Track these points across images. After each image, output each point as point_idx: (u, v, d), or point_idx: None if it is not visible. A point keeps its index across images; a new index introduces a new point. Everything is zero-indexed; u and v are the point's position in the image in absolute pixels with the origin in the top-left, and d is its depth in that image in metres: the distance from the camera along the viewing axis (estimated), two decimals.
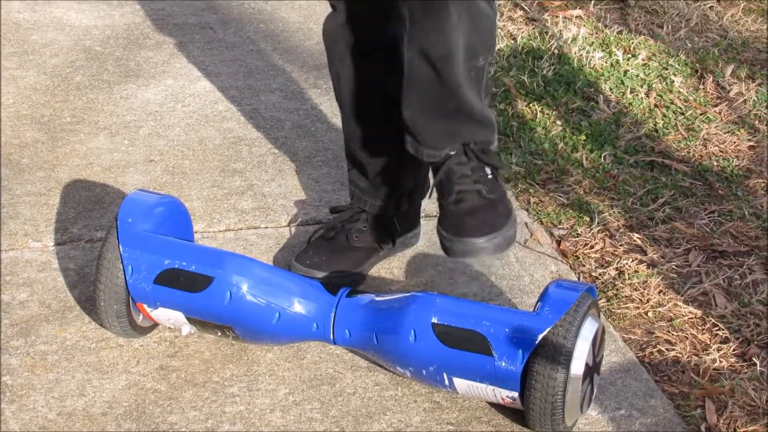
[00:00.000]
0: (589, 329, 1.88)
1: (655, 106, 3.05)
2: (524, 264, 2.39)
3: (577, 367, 1.85)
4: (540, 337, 1.83)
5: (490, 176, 2.10)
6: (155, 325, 2.12)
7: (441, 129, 2.09)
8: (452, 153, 2.09)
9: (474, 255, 2.08)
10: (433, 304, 1.92)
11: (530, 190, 2.65)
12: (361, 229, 2.34)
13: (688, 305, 2.31)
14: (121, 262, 2.00)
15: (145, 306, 2.03)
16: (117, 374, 2.03)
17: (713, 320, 2.26)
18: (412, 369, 1.92)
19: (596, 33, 3.44)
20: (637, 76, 3.18)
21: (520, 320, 1.87)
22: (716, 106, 3.07)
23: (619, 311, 2.29)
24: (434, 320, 1.89)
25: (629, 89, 3.11)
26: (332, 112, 2.92)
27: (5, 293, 2.22)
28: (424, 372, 1.91)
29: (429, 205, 2.56)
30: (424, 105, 2.07)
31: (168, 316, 2.04)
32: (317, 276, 2.26)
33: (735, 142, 2.89)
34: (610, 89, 3.11)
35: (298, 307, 1.98)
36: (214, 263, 1.98)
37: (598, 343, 1.93)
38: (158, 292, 1.99)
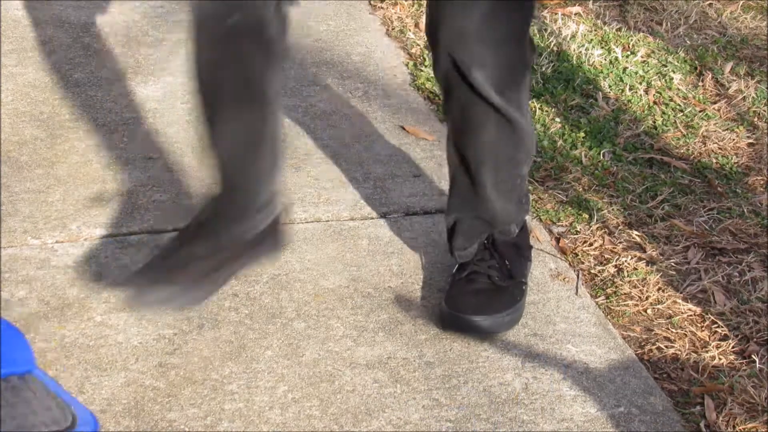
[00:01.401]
0: None
1: (654, 103, 3.05)
2: None
3: None
4: None
5: (508, 265, 2.21)
6: None
7: (469, 232, 2.20)
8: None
9: (464, 331, 2.15)
10: None
11: (529, 188, 2.65)
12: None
13: (687, 302, 2.31)
14: None
15: None
16: (116, 371, 2.03)
17: (712, 317, 2.26)
18: None
19: (595, 30, 3.43)
20: (636, 73, 3.18)
21: None
22: (715, 103, 3.07)
23: (618, 308, 2.29)
24: None
25: (628, 86, 3.11)
26: (331, 109, 2.92)
27: (4, 290, 2.21)
28: None
29: (428, 202, 2.56)
30: (461, 209, 2.18)
31: None
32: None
33: (734, 140, 2.89)
34: (609, 86, 3.10)
35: None
36: None
37: None
38: None
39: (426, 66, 3.11)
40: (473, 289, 2.18)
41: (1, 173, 2.58)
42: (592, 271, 2.39)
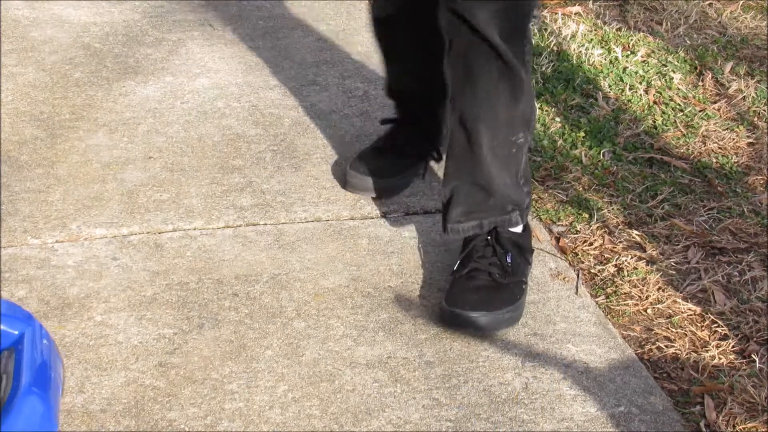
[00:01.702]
0: None
1: (654, 103, 3.05)
2: None
3: None
4: None
5: (509, 262, 2.21)
6: None
7: (466, 203, 2.20)
8: (476, 233, 2.22)
9: (463, 327, 2.15)
10: None
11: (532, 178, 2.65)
12: (410, 137, 2.54)
13: (687, 302, 2.31)
14: None
15: None
16: (116, 371, 2.03)
17: (712, 317, 2.26)
18: None
19: (595, 30, 3.43)
20: (636, 73, 3.18)
21: None
22: (715, 103, 3.07)
23: (618, 308, 2.29)
24: None
25: (628, 86, 3.11)
26: (331, 108, 2.92)
27: (4, 290, 2.21)
28: None
29: (428, 201, 2.56)
30: (458, 176, 2.19)
31: None
32: (370, 182, 2.49)
33: (734, 139, 2.89)
34: (609, 86, 3.10)
35: None
36: None
37: None
38: None
39: None
40: (473, 285, 2.18)
41: (1, 173, 2.58)
42: (592, 270, 2.39)
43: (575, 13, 3.55)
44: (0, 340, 1.71)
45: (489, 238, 2.22)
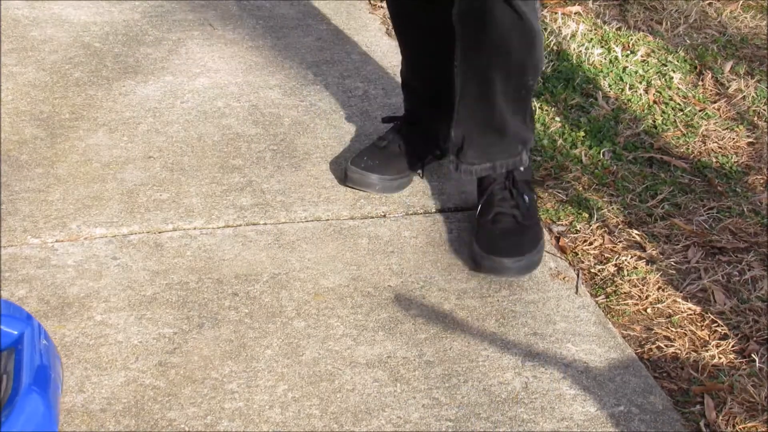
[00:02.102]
0: None
1: (654, 102, 3.05)
2: None
3: None
4: None
5: (527, 203, 2.31)
6: None
7: (480, 145, 2.30)
8: (489, 174, 2.33)
9: (500, 273, 2.28)
10: None
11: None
12: (411, 137, 2.56)
13: (687, 302, 2.31)
14: None
15: None
16: (116, 371, 2.03)
17: (712, 317, 2.26)
18: None
19: (595, 29, 3.43)
20: (636, 72, 3.18)
21: None
22: (715, 102, 3.07)
23: (617, 308, 2.29)
24: None
25: (628, 86, 3.11)
26: (331, 108, 2.92)
27: (4, 290, 2.21)
28: None
29: (428, 201, 2.56)
30: (470, 121, 2.27)
31: None
32: (372, 178, 2.51)
33: (734, 139, 2.89)
34: (609, 86, 3.10)
35: None
36: None
37: None
38: None
39: None
40: (501, 230, 2.29)
41: (1, 172, 2.59)
42: (592, 270, 2.39)
43: (575, 13, 3.55)
44: (0, 341, 1.72)
45: (506, 181, 2.33)
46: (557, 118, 2.94)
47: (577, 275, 2.35)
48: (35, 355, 1.71)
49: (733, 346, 2.18)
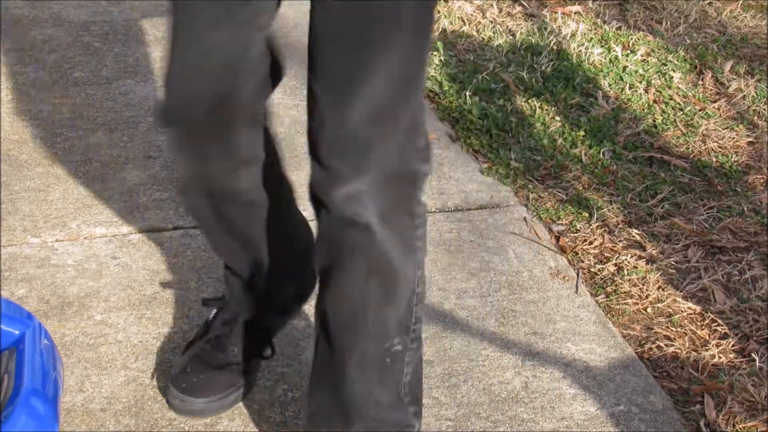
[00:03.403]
0: None
1: (654, 102, 3.05)
2: (523, 260, 2.39)
3: None
4: None
5: None
6: None
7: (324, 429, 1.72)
8: None
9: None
10: None
11: (529, 186, 2.65)
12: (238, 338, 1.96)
13: (687, 301, 2.31)
14: None
15: None
16: (116, 370, 2.03)
17: (712, 316, 2.26)
18: None
19: (595, 29, 3.43)
20: (636, 72, 3.18)
21: None
22: (715, 102, 3.07)
23: (618, 307, 2.29)
24: None
25: (628, 85, 3.11)
26: None
27: (4, 289, 2.21)
28: None
29: (428, 201, 2.55)
30: (319, 390, 1.71)
31: None
32: (196, 405, 1.91)
33: (734, 138, 2.89)
34: (609, 85, 3.10)
35: None
36: None
37: None
38: None
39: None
40: None
41: (1, 172, 2.58)
42: (592, 269, 2.39)
43: (575, 12, 3.55)
44: (0, 341, 1.72)
45: None
46: (557, 118, 2.94)
47: (577, 275, 2.35)
48: (36, 355, 1.71)
49: (733, 346, 2.18)
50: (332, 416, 1.69)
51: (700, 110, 3.02)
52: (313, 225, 1.68)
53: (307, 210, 2.49)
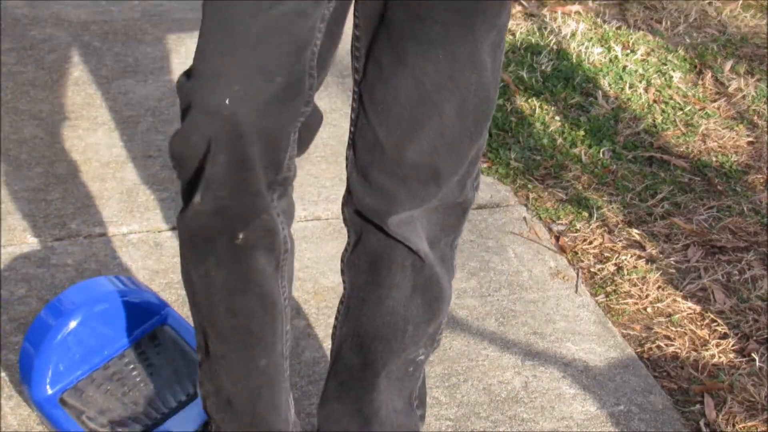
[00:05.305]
0: None
1: (654, 101, 3.05)
2: (523, 259, 2.39)
3: None
4: None
5: None
6: None
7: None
8: None
9: None
10: None
11: (529, 186, 2.65)
12: None
13: (687, 301, 2.31)
14: None
15: None
16: None
17: (712, 316, 2.26)
18: None
19: (595, 28, 3.43)
20: (636, 71, 3.18)
21: None
22: (715, 101, 3.07)
23: (617, 307, 2.29)
24: None
25: (628, 85, 3.11)
26: (331, 107, 2.92)
27: (3, 289, 2.21)
28: None
29: None
30: (338, 399, 1.68)
31: None
32: None
33: (734, 138, 2.89)
34: (609, 85, 3.10)
35: None
36: None
37: None
38: None
39: None
40: None
41: (1, 171, 2.58)
42: (592, 269, 2.39)
43: (575, 12, 3.55)
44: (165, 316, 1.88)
45: None
46: (557, 117, 2.94)
47: (577, 274, 2.35)
48: (184, 323, 1.88)
49: (733, 346, 2.18)
50: (352, 423, 1.68)
51: (700, 110, 3.02)
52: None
53: (307, 210, 2.49)
